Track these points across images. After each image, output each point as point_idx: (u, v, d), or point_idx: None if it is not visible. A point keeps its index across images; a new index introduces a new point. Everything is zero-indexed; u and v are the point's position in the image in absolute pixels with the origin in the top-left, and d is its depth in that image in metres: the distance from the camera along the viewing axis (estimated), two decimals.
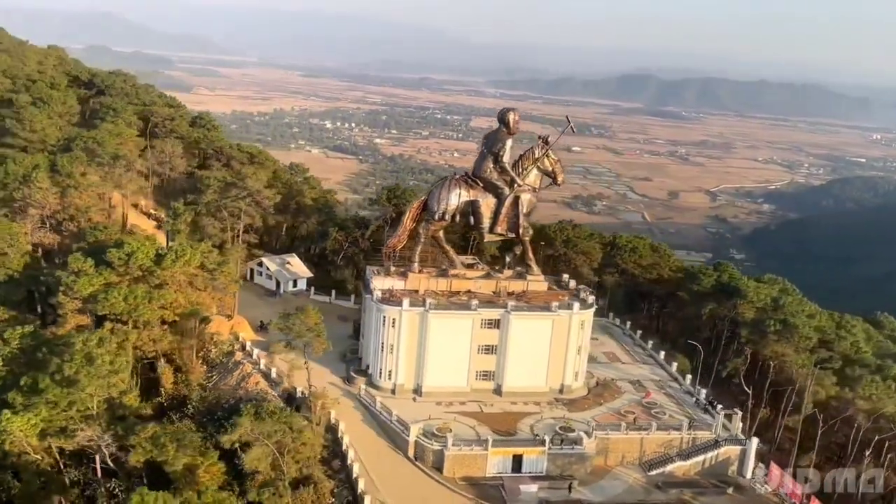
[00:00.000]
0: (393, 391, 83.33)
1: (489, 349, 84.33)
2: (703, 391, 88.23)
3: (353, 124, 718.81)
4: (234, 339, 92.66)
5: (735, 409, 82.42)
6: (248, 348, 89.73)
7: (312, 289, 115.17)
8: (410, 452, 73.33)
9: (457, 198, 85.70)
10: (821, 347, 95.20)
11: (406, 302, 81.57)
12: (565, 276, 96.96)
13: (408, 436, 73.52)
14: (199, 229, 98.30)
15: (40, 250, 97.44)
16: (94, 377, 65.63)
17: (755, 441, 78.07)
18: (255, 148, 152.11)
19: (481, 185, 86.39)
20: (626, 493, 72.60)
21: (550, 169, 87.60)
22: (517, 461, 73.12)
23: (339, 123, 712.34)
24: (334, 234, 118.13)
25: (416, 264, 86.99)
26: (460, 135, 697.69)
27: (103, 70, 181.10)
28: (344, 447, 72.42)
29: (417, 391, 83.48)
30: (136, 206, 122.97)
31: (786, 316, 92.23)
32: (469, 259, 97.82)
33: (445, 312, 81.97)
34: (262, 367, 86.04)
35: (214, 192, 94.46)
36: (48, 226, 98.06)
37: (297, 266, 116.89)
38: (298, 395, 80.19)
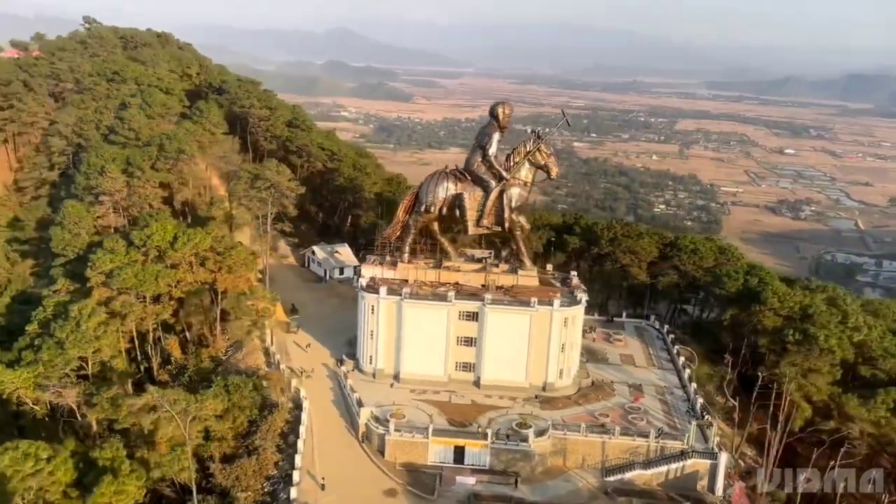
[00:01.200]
0: (374, 375, 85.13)
1: (469, 341, 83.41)
2: (700, 400, 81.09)
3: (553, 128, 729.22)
4: (256, 317, 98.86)
5: (709, 421, 75.10)
6: (266, 327, 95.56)
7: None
8: (360, 434, 74.75)
9: (444, 191, 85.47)
10: (862, 363, 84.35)
11: (383, 290, 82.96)
12: (573, 273, 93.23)
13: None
14: (229, 218, 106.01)
15: (113, 230, 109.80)
16: (80, 341, 74.03)
17: (724, 456, 70.72)
18: (340, 145, 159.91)
19: (470, 178, 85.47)
20: (569, 496, 69.08)
21: (543, 163, 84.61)
22: (459, 452, 71.98)
23: (539, 128, 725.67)
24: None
25: (406, 254, 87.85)
26: (662, 137, 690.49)
27: (234, 76, 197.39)
28: (302, 424, 75.42)
29: (396, 377, 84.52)
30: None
31: (810, 326, 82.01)
32: (480, 253, 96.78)
33: (420, 302, 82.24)
34: (267, 345, 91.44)
35: (245, 183, 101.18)
36: (118, 211, 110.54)
37: (346, 255, 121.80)
38: (286, 373, 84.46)
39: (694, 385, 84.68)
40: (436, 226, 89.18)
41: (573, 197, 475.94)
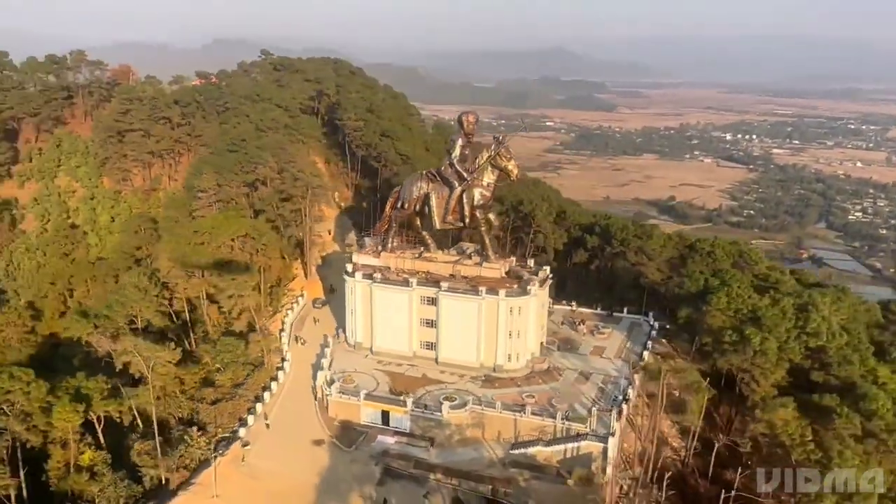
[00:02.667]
0: (354, 347, 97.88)
1: (430, 323, 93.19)
2: (632, 390, 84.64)
3: (754, 136, 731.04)
4: (292, 294, 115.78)
5: (611, 408, 78.77)
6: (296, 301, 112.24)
7: None
8: (317, 394, 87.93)
9: (417, 190, 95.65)
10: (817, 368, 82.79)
11: (359, 274, 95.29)
12: (546, 269, 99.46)
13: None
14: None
15: None
16: (127, 302, 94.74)
17: (614, 441, 74.62)
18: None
19: (439, 179, 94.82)
20: (470, 462, 77.04)
21: (503, 165, 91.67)
22: (385, 416, 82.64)
23: (739, 135, 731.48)
24: None
25: (389, 244, 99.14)
26: (871, 145, 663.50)
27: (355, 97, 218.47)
28: (276, 380, 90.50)
29: (371, 350, 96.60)
30: None
31: (753, 328, 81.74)
32: (474, 247, 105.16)
33: (386, 286, 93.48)
34: (286, 316, 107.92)
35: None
36: (212, 205, 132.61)
37: None
38: (284, 339, 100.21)
39: (637, 376, 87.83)
40: (418, 221, 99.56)
41: (762, 202, 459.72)
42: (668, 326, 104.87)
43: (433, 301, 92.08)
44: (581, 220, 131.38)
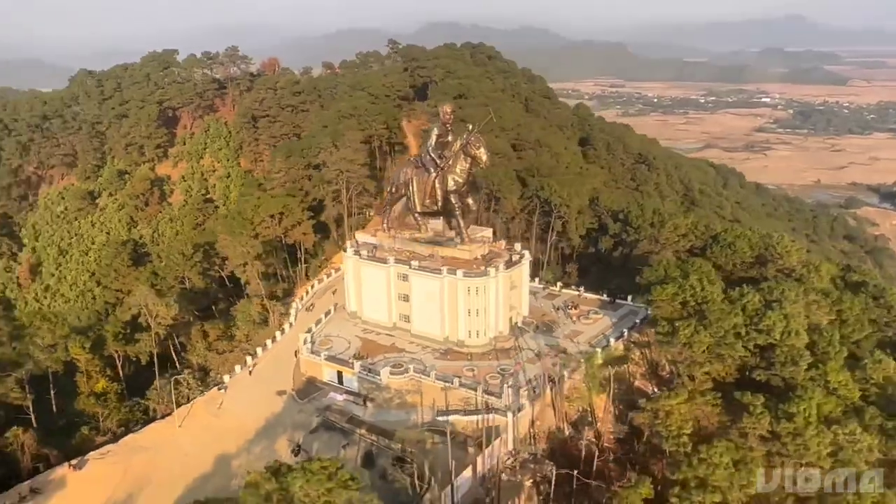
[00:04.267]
0: (350, 316, 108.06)
1: (405, 297, 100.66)
2: (567, 374, 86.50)
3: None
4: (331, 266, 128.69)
5: (521, 386, 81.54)
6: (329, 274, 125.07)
7: None
8: (298, 354, 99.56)
9: (403, 175, 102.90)
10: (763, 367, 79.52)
11: (350, 251, 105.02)
12: (523, 252, 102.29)
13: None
14: None
15: None
16: (173, 266, 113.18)
17: (511, 416, 77.88)
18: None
19: (421, 166, 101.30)
20: (394, 423, 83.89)
21: (473, 153, 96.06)
22: (340, 376, 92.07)
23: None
24: None
25: (385, 225, 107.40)
26: None
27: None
28: (274, 339, 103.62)
29: (361, 319, 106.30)
30: None
31: (692, 321, 79.98)
32: (483, 231, 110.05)
33: (369, 263, 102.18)
34: (313, 286, 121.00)
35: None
36: (284, 184, 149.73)
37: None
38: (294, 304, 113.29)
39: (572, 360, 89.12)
40: (406, 204, 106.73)
41: None
42: None
43: (405, 278, 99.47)
44: (613, 205, 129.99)
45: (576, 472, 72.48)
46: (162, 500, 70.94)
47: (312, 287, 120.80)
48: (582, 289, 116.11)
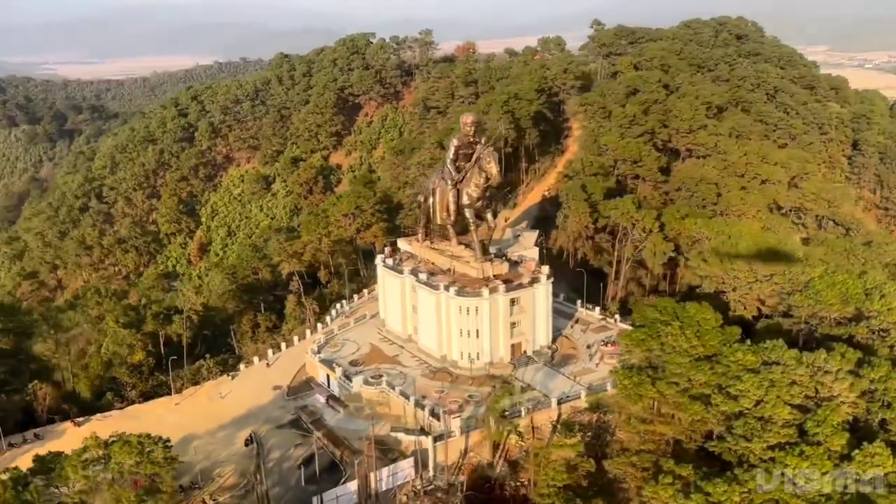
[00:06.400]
0: (380, 324, 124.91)
1: (416, 310, 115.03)
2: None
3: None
4: None
5: (452, 411, 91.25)
6: None
7: None
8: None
9: (431, 185, 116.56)
10: None
11: (380, 258, 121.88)
12: (542, 276, 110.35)
13: None
14: None
15: None
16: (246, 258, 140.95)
17: (431, 441, 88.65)
18: None
19: (444, 178, 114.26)
20: (351, 431, 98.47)
21: (485, 168, 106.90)
22: (328, 379, 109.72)
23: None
24: None
25: (419, 235, 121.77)
26: None
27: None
28: (303, 337, 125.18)
29: (384, 326, 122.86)
30: None
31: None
32: (526, 250, 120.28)
33: (388, 272, 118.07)
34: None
35: None
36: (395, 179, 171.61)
37: (529, 239, 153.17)
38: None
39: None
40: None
41: None
42: None
43: (415, 290, 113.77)
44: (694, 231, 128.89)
45: None
46: None
47: (370, 290, 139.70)
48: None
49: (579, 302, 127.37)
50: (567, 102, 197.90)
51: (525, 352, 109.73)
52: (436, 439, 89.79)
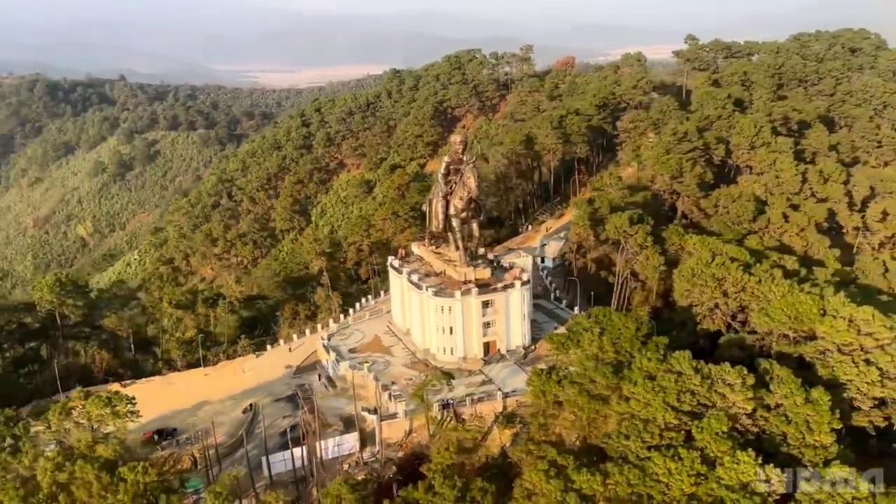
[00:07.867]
0: (392, 318, 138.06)
1: (410, 306, 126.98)
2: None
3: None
4: None
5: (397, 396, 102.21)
6: None
7: None
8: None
9: (431, 195, 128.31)
10: None
11: (390, 259, 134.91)
12: (517, 283, 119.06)
13: None
14: None
15: None
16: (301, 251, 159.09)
17: (372, 417, 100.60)
18: None
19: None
20: (331, 407, 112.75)
21: (466, 183, 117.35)
22: (328, 363, 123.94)
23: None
24: None
25: (426, 240, 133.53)
26: None
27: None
28: (325, 326, 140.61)
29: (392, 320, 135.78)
30: None
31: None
32: (520, 257, 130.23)
33: (393, 271, 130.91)
34: None
35: None
36: None
37: (552, 248, 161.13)
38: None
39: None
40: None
41: None
42: None
43: (409, 289, 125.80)
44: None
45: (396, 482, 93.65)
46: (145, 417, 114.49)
47: None
48: None
49: (576, 308, 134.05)
50: (621, 119, 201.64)
51: (499, 350, 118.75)
52: (382, 419, 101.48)
